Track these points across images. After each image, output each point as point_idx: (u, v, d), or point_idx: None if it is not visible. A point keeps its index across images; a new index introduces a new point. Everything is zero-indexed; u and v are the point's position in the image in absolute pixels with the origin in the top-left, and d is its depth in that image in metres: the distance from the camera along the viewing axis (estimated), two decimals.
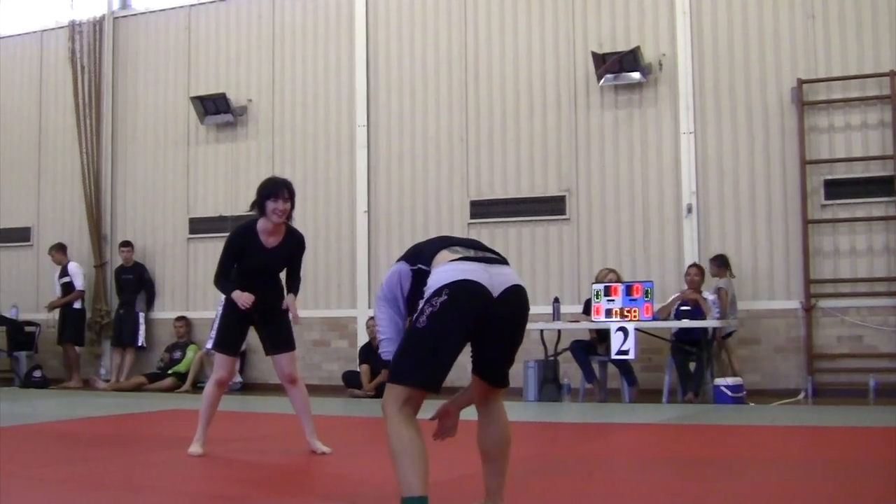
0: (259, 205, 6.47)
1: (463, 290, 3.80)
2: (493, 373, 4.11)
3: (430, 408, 4.20)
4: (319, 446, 6.65)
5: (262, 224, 6.50)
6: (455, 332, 3.83)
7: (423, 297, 3.84)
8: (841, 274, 11.04)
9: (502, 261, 4.02)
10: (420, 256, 4.04)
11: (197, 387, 13.28)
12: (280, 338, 6.67)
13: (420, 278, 3.96)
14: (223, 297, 6.68)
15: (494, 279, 3.88)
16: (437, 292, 3.79)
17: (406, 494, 3.67)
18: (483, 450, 4.19)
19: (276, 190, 6.39)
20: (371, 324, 12.20)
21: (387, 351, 4.04)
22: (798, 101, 11.12)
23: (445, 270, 3.85)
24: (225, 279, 6.53)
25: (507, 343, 4.03)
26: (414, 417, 3.81)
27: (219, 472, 6.14)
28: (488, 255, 4.02)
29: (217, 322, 6.80)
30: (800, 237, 11.08)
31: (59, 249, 14.32)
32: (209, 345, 6.76)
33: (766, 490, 5.26)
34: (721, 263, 11.10)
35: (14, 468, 5.92)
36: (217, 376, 6.65)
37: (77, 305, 14.20)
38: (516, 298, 3.95)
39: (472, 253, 3.97)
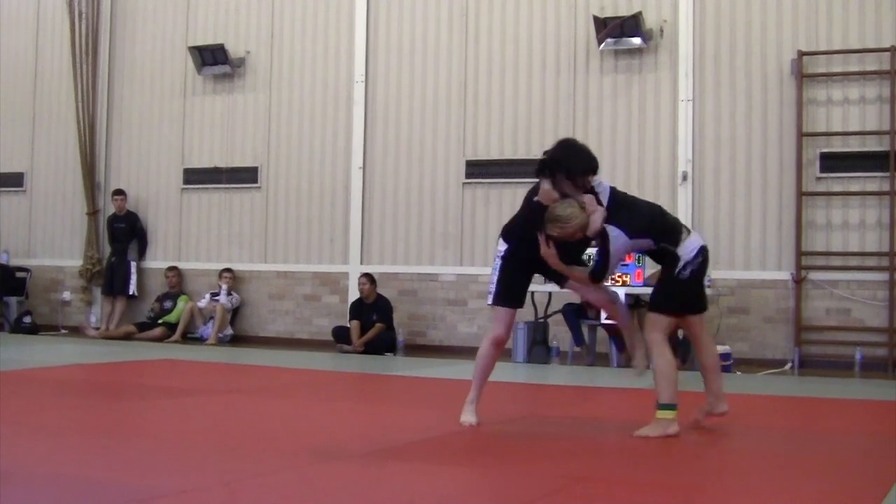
0: (573, 176, 5.64)
1: (706, 254, 5.73)
2: (703, 303, 5.92)
3: None
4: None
5: (543, 195, 5.65)
6: (701, 280, 5.78)
7: (680, 258, 5.61)
8: (832, 247, 11.08)
9: None
10: (666, 237, 5.66)
11: (186, 337, 13.34)
12: None
13: (661, 252, 5.70)
14: (501, 248, 5.92)
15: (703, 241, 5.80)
16: (696, 255, 5.64)
17: (666, 400, 5.50)
18: (704, 364, 5.92)
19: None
20: (363, 280, 12.21)
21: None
22: (798, 73, 11.10)
23: (694, 241, 5.70)
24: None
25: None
26: (667, 342, 5.66)
27: (211, 422, 6.18)
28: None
29: (496, 274, 5.93)
30: (793, 209, 11.10)
31: None
32: (490, 300, 5.93)
33: (748, 457, 5.32)
34: None
35: (6, 413, 5.95)
36: (495, 334, 5.92)
37: None
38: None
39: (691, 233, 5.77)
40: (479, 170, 12.50)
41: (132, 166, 14.54)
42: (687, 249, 5.65)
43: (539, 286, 11.19)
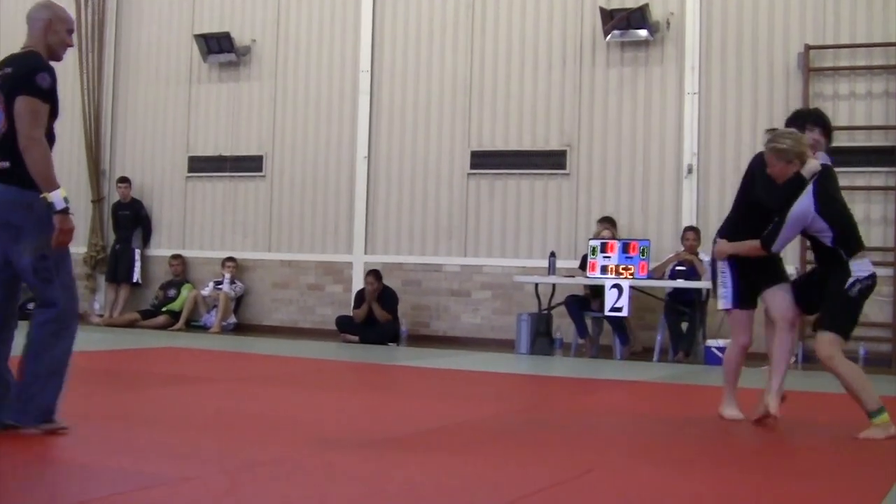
0: (800, 124, 6.00)
1: (874, 279, 5.74)
2: None
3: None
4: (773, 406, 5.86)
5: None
6: (864, 302, 5.77)
7: (850, 274, 5.63)
8: None
9: None
10: (847, 242, 5.67)
11: (190, 325, 13.34)
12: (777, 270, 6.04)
13: (827, 251, 5.73)
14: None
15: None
16: (868, 278, 5.67)
17: (874, 407, 5.48)
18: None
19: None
20: (371, 280, 12.13)
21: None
22: (804, 67, 11.07)
23: (867, 264, 5.74)
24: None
25: None
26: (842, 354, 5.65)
27: (214, 410, 6.19)
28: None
29: (726, 277, 6.00)
30: None
31: None
32: (722, 304, 6.03)
33: (752, 451, 5.32)
34: (613, 225, 11.33)
35: None
36: (740, 341, 6.08)
37: None
38: None
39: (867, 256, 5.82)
40: (483, 160, 12.48)
41: (137, 154, 14.54)
42: (860, 266, 5.66)
43: (542, 278, 11.24)
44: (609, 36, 11.76)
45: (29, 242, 4.75)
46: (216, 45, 13.69)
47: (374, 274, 12.08)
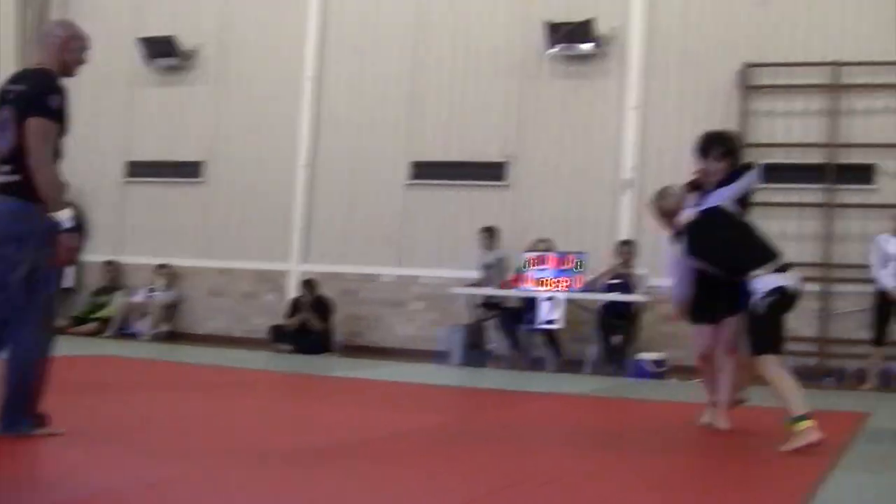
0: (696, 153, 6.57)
1: (783, 290, 5.76)
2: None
3: None
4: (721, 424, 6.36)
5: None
6: (780, 314, 5.81)
7: (752, 294, 5.75)
8: None
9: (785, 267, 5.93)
10: (737, 270, 5.90)
11: (120, 333, 13.11)
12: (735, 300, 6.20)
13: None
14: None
15: (789, 281, 5.84)
16: (773, 291, 5.73)
17: (799, 413, 5.53)
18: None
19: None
20: (304, 291, 12.05)
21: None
22: (742, 84, 11.18)
23: (773, 279, 5.77)
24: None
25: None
26: (781, 366, 5.77)
27: (138, 421, 6.09)
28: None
29: None
30: None
31: None
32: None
33: (667, 464, 5.32)
34: (492, 236, 11.49)
35: None
36: (697, 351, 6.52)
37: None
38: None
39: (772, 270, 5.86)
40: (423, 171, 12.48)
41: (73, 157, 14.18)
42: (762, 283, 5.78)
43: (477, 289, 11.21)
44: (553, 49, 11.80)
45: (26, 254, 4.85)
46: (159, 49, 13.54)
47: (307, 284, 12.02)
